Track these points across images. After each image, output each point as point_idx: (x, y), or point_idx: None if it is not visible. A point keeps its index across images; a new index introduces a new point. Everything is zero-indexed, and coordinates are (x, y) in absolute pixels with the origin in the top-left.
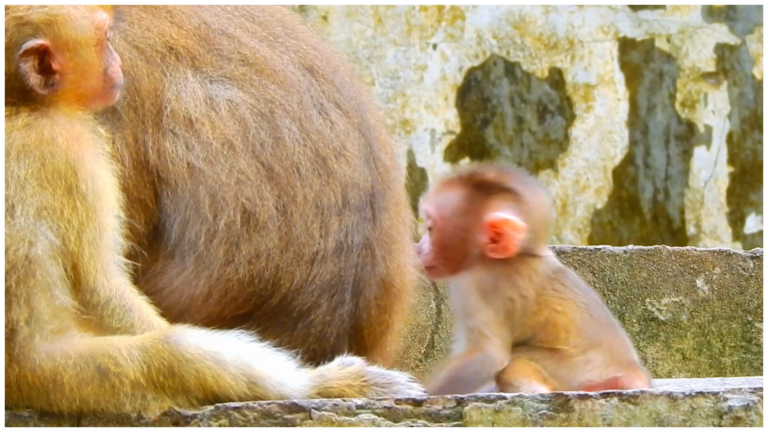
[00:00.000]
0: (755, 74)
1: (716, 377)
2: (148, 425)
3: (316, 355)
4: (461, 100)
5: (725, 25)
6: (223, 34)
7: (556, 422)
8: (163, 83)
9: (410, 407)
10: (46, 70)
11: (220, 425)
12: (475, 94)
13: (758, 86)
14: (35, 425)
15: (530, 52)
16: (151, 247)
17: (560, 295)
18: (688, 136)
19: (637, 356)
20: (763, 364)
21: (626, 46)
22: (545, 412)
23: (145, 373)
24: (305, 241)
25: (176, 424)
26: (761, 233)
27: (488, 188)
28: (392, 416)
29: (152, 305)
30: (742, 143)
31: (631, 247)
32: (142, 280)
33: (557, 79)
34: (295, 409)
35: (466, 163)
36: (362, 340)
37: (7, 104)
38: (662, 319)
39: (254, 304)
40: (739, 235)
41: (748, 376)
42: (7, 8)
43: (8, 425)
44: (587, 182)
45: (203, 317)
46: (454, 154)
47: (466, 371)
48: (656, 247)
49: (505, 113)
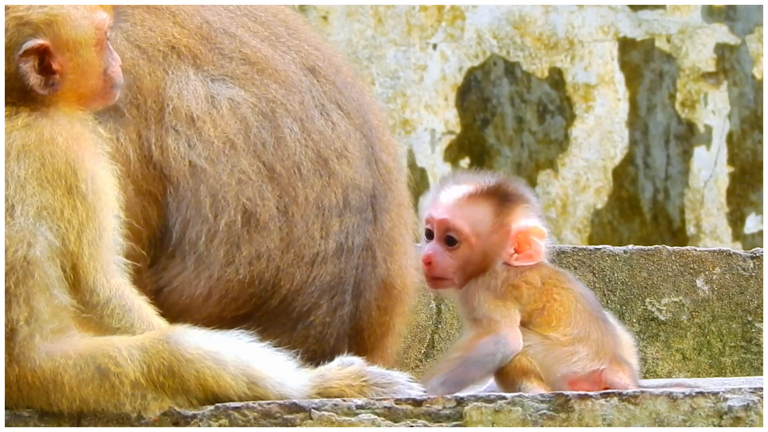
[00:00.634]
0: (755, 74)
1: (716, 377)
2: (148, 425)
3: (315, 356)
4: (461, 100)
5: (725, 25)
6: (225, 33)
7: (556, 422)
8: (164, 81)
9: (410, 407)
10: (46, 70)
11: (220, 425)
12: (475, 94)
13: (758, 86)
14: (35, 425)
15: (530, 52)
16: (154, 245)
17: (561, 285)
18: (688, 136)
19: (628, 352)
20: (763, 364)
21: (626, 46)
22: (545, 412)
23: (145, 373)
24: (306, 242)
25: (176, 424)
26: (761, 233)
27: (512, 199)
28: (392, 416)
29: (152, 305)
30: (742, 143)
31: (631, 247)
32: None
33: (557, 79)
34: (295, 409)
35: (466, 163)
36: (362, 341)
37: (7, 104)
38: (662, 319)
39: (254, 304)
40: (739, 235)
41: (748, 376)
42: (7, 8)
43: (8, 425)
44: (587, 182)
45: (203, 317)
46: (454, 154)
47: (479, 352)
48: (656, 247)
49: (505, 113)
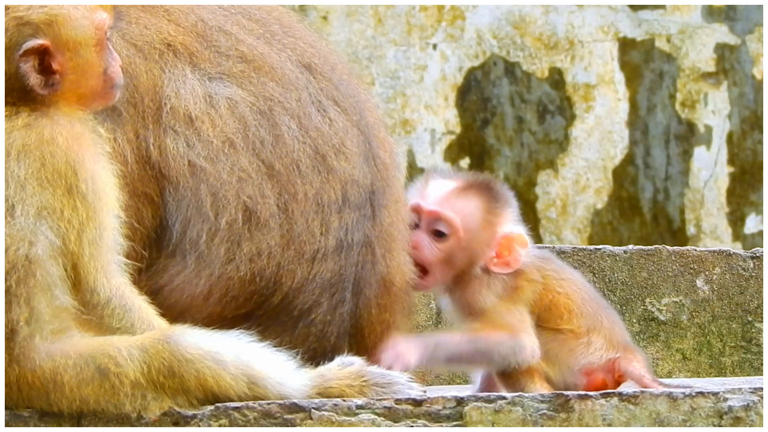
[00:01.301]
0: (755, 74)
1: (716, 377)
2: (148, 425)
3: (316, 354)
4: (461, 100)
5: (725, 25)
6: (220, 31)
7: (556, 422)
8: (161, 80)
9: (410, 407)
10: (46, 70)
11: (220, 425)
12: (475, 94)
13: (758, 86)
14: (35, 425)
15: (530, 52)
16: (153, 245)
17: (558, 276)
18: (688, 136)
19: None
20: (763, 364)
21: (626, 46)
22: (545, 412)
23: (145, 373)
24: (306, 239)
25: (176, 424)
26: (761, 233)
27: (501, 200)
28: (392, 416)
29: (153, 304)
30: (742, 143)
31: (631, 247)
32: (143, 278)
33: (557, 79)
34: (295, 409)
35: (466, 163)
36: (363, 339)
37: (7, 104)
38: (662, 319)
39: (255, 303)
40: (739, 235)
41: (748, 376)
42: (7, 8)
43: (8, 425)
44: (587, 182)
45: (204, 316)
46: (454, 154)
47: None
48: (656, 247)
49: (505, 113)
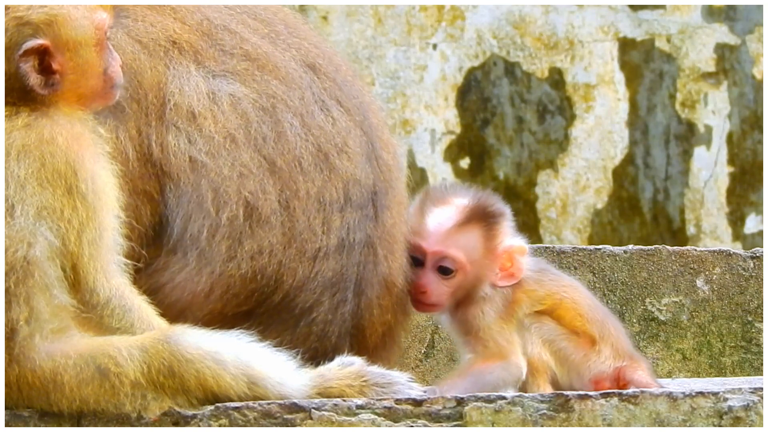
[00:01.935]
0: (755, 74)
1: (716, 377)
2: (148, 425)
3: (317, 353)
4: (461, 100)
5: (725, 25)
6: (225, 29)
7: (556, 422)
8: (166, 76)
9: (410, 407)
10: (46, 70)
11: (220, 425)
12: (475, 94)
13: (758, 86)
14: (35, 425)
15: (530, 52)
16: (153, 242)
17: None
18: (688, 136)
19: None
20: (763, 364)
21: (626, 46)
22: (545, 412)
23: (145, 373)
24: (308, 236)
25: (176, 424)
26: (761, 233)
27: (497, 219)
28: (392, 416)
29: (153, 303)
30: (742, 143)
31: (631, 247)
32: (144, 276)
33: (557, 79)
34: (295, 409)
35: (466, 163)
36: (364, 340)
37: (7, 104)
38: (662, 319)
39: (256, 301)
40: (739, 235)
41: (748, 376)
42: (7, 8)
43: (8, 425)
44: (587, 182)
45: (205, 314)
46: (454, 154)
47: (490, 377)
48: (656, 247)
49: (505, 113)
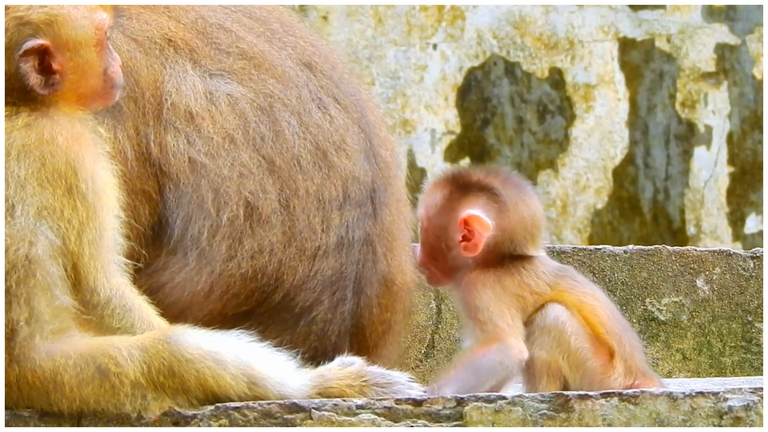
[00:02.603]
0: (755, 74)
1: (716, 377)
2: (148, 425)
3: (317, 353)
4: (461, 100)
5: (725, 25)
6: (220, 28)
7: (556, 422)
8: (162, 75)
9: (410, 407)
10: (46, 70)
11: (220, 425)
12: (475, 94)
13: (758, 86)
14: (35, 425)
15: (530, 52)
16: (153, 243)
17: (580, 289)
18: (688, 136)
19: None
20: (763, 364)
21: (626, 46)
22: (545, 412)
23: (145, 373)
24: (307, 235)
25: (176, 424)
26: (761, 233)
27: (467, 187)
28: (392, 416)
29: (153, 303)
30: (742, 143)
31: (631, 247)
32: (144, 276)
33: (557, 79)
34: (295, 409)
35: (466, 163)
36: (363, 339)
37: (7, 104)
38: (662, 319)
39: (256, 300)
40: (739, 235)
41: (748, 376)
42: (7, 8)
43: (8, 425)
44: (587, 182)
45: (205, 314)
46: (454, 154)
47: (485, 360)
48: (656, 247)
49: (505, 113)
